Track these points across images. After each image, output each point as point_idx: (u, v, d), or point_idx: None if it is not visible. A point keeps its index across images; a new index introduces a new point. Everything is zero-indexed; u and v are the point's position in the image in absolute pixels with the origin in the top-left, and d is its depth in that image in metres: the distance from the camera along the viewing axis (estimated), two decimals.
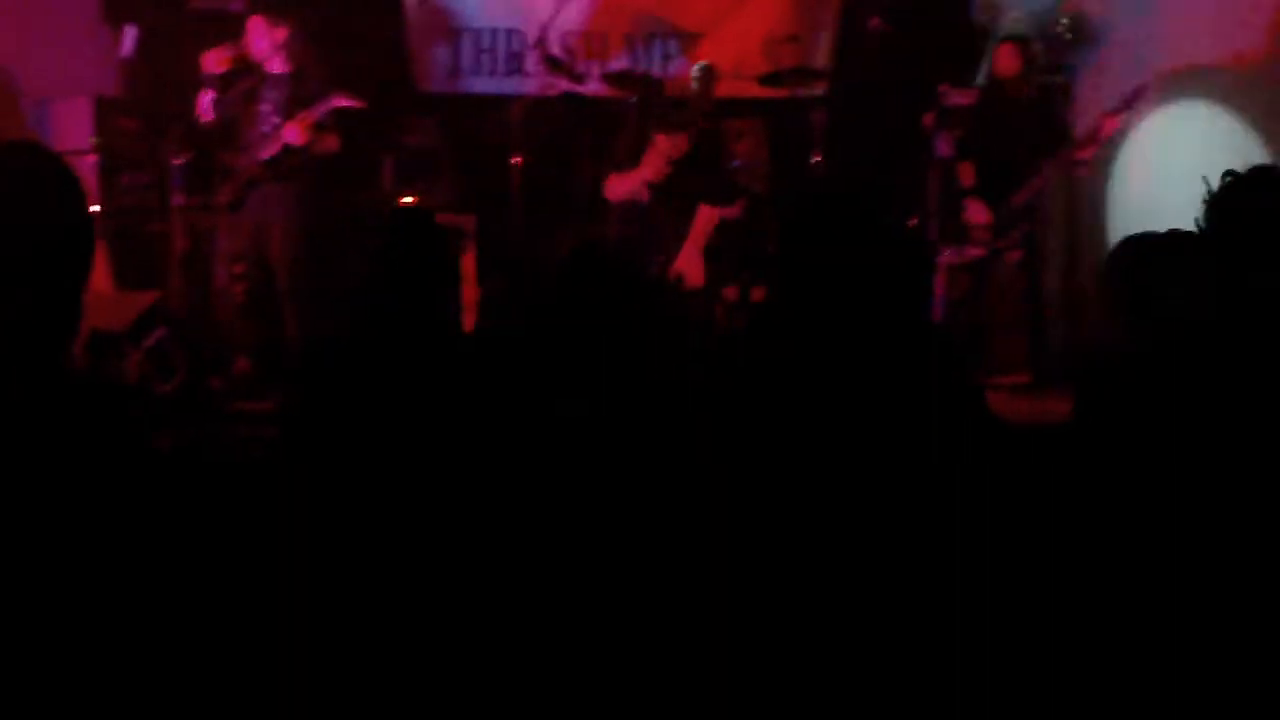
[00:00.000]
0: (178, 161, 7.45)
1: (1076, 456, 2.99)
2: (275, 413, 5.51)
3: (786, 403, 2.97)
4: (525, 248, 7.94)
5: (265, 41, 7.15)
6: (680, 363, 3.26)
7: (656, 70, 8.72)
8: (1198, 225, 2.90)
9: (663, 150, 7.14)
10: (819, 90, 8.57)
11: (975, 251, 7.31)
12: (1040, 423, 5.73)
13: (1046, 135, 7.31)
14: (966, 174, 7.40)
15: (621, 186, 7.26)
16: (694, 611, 2.72)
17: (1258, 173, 2.88)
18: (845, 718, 2.72)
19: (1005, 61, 7.40)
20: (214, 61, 7.16)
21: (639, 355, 3.24)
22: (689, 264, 7.16)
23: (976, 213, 7.28)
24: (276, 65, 7.17)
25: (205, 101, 7.15)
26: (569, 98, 8.24)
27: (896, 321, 3.30)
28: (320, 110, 7.02)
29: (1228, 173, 2.86)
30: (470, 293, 7.58)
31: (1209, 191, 2.85)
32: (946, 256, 7.32)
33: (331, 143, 7.10)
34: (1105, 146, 7.36)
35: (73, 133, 7.55)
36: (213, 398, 6.83)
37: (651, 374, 3.20)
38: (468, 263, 7.63)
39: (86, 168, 7.45)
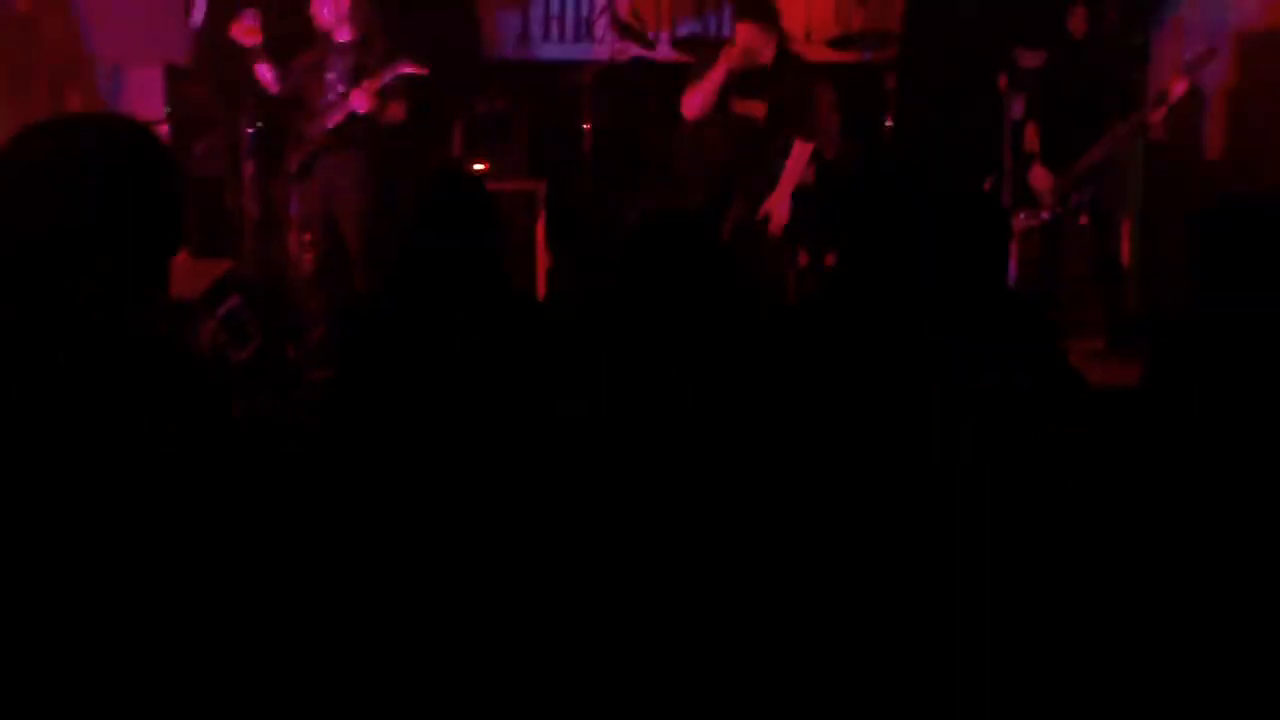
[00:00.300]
0: (249, 130, 7.49)
1: (1143, 423, 2.96)
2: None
3: (856, 380, 2.95)
4: (596, 214, 7.93)
5: (330, 10, 7.16)
6: (746, 341, 3.21)
7: (727, 34, 8.65)
8: None
9: (741, 41, 6.99)
10: (890, 54, 8.48)
11: (1045, 215, 7.23)
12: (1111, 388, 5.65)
13: (1117, 97, 7.20)
14: (1031, 137, 7.32)
15: (696, 99, 7.08)
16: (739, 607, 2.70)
17: None
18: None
19: (1076, 22, 7.28)
20: (243, 32, 7.17)
21: (701, 334, 3.21)
22: (779, 204, 7.03)
23: (1039, 178, 7.21)
24: (343, 34, 7.19)
25: (266, 75, 7.17)
26: (639, 63, 8.20)
27: (973, 289, 3.27)
28: (385, 77, 7.03)
29: None
30: (540, 260, 7.59)
31: None
32: (1019, 221, 7.24)
33: (398, 110, 7.11)
34: (1177, 107, 7.22)
35: (146, 102, 7.60)
36: (288, 365, 6.87)
37: (711, 355, 3.17)
38: (538, 229, 7.62)
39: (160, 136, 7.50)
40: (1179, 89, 6.96)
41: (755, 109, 7.05)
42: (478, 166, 8.08)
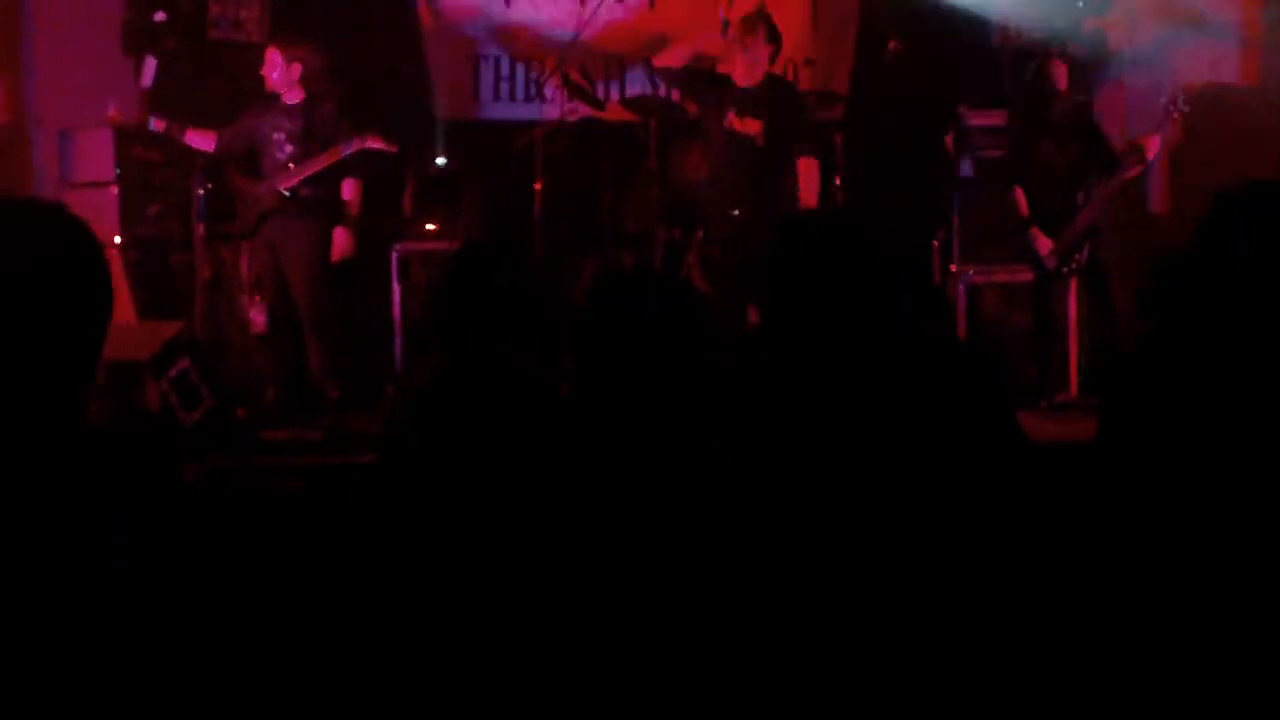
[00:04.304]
0: (200, 191, 7.47)
1: (1098, 470, 2.99)
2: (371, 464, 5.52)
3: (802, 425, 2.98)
4: (547, 274, 7.93)
5: (280, 73, 7.19)
6: (703, 385, 3.23)
7: (675, 94, 8.71)
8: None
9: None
10: (837, 113, 8.55)
11: (1004, 274, 7.27)
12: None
13: (1093, 153, 7.25)
14: (1021, 202, 7.26)
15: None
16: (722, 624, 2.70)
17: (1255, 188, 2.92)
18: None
19: (1058, 78, 7.31)
20: (201, 141, 7.35)
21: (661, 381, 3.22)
22: None
23: (1040, 242, 7.17)
24: (292, 96, 7.22)
25: (198, 140, 7.37)
26: (589, 123, 8.24)
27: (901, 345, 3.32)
28: (347, 150, 7.07)
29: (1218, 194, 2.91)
30: None
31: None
32: (972, 276, 7.30)
33: (352, 190, 7.25)
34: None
35: (95, 163, 7.56)
36: (239, 427, 6.82)
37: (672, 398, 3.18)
38: None
39: (109, 198, 7.47)
40: (1154, 146, 7.03)
41: (753, 127, 7.15)
42: (429, 227, 8.09)
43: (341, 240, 7.22)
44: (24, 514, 1.78)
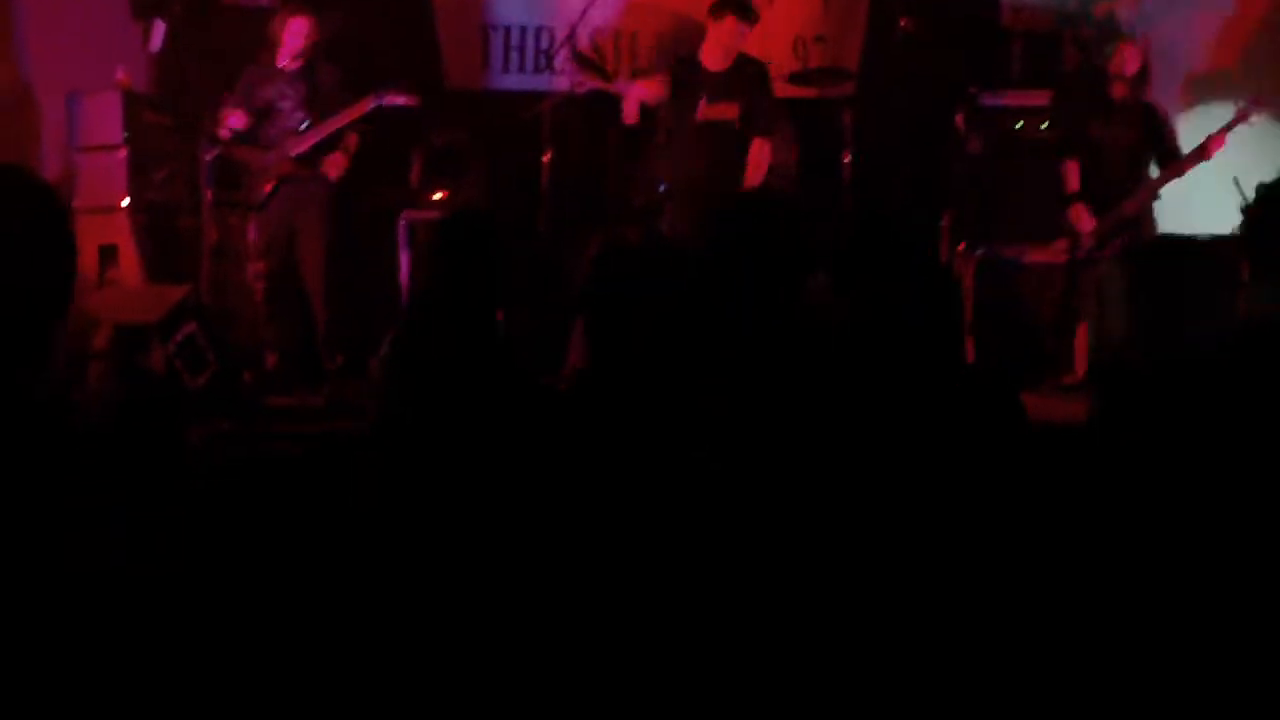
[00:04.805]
0: (208, 157, 7.46)
1: (1091, 458, 3.00)
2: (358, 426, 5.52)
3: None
4: (553, 246, 7.93)
5: (305, 42, 7.17)
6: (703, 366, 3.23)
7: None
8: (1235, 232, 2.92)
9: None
10: (848, 90, 8.54)
11: (1011, 253, 7.24)
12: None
13: (1152, 142, 7.18)
14: (1072, 175, 7.20)
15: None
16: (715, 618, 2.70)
17: None
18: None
19: (1131, 62, 7.19)
20: (237, 120, 7.23)
21: (659, 357, 3.22)
22: None
23: (1081, 218, 7.11)
24: (296, 63, 7.20)
25: (237, 120, 7.21)
26: (597, 95, 8.22)
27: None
28: (367, 108, 7.07)
29: (1261, 185, 2.88)
30: None
31: (1243, 199, 2.86)
32: (980, 255, 7.29)
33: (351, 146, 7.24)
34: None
35: (103, 127, 7.55)
36: (244, 392, 6.83)
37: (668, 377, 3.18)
38: None
39: (117, 162, 7.46)
40: (1217, 146, 6.91)
41: (729, 111, 7.15)
42: (436, 197, 8.08)
43: (337, 161, 7.22)
44: None
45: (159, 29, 7.82)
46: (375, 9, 8.46)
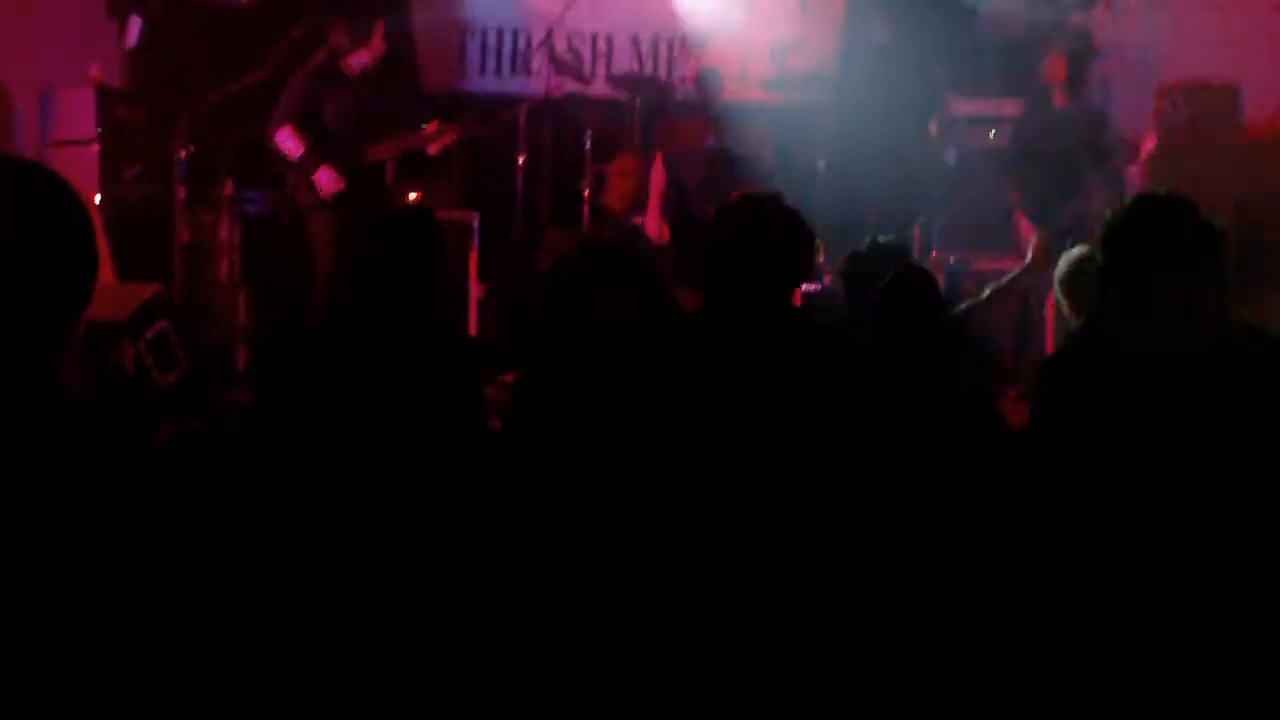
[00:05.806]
0: (181, 154, 7.42)
1: (1027, 461, 3.04)
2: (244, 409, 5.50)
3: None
4: (528, 246, 7.93)
5: (372, 55, 7.16)
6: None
7: (662, 73, 8.72)
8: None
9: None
10: (824, 96, 8.55)
11: (984, 262, 7.26)
12: None
13: (1092, 147, 7.21)
14: (1014, 189, 7.28)
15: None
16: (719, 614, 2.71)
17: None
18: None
19: (1051, 70, 7.26)
20: (329, 181, 7.06)
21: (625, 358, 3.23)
22: (652, 222, 7.19)
23: (1024, 229, 7.15)
24: (357, 73, 7.21)
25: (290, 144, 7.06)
26: (574, 98, 8.22)
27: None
28: (435, 142, 7.24)
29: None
30: (473, 290, 7.57)
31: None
32: (952, 263, 7.30)
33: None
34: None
35: (76, 122, 7.52)
36: (213, 390, 6.80)
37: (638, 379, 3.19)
38: (471, 261, 7.61)
39: (89, 158, 7.43)
40: (1149, 144, 6.99)
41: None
42: (411, 197, 8.06)
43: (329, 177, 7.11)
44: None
45: (135, 25, 7.79)
46: (352, 8, 8.42)
